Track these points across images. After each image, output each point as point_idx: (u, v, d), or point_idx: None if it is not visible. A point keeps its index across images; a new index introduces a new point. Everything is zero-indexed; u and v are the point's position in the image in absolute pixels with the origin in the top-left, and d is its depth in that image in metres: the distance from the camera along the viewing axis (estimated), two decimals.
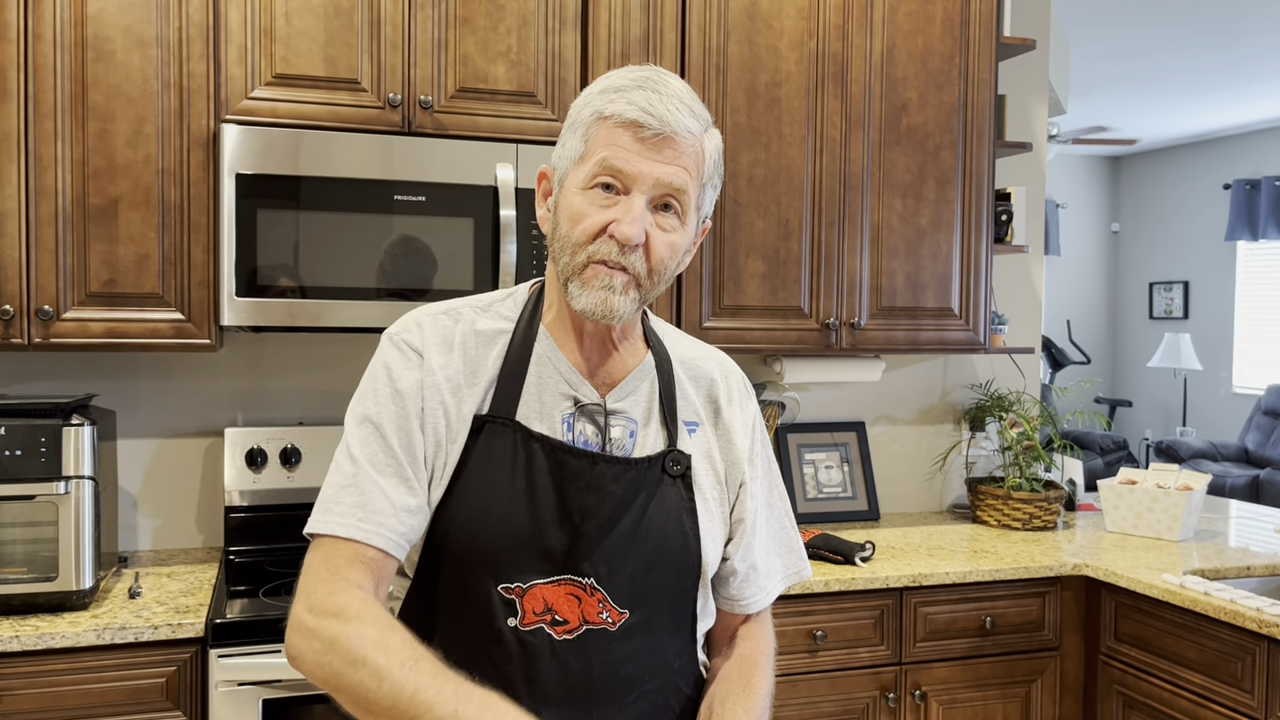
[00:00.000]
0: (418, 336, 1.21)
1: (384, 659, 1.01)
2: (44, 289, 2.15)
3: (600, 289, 1.15)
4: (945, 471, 3.29)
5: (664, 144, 1.13)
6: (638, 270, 1.15)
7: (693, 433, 1.27)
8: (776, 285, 2.69)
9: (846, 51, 2.72)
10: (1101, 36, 5.64)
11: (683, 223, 1.18)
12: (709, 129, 1.20)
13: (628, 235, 1.13)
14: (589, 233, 1.14)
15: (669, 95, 1.15)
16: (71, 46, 2.16)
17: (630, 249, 1.14)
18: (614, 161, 1.13)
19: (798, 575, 1.38)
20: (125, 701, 1.97)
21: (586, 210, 1.15)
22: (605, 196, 1.14)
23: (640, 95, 1.14)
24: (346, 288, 2.27)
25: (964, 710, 2.54)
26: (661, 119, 1.13)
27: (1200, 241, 8.62)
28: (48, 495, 2.02)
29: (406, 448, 1.16)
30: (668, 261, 1.17)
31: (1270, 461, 7.23)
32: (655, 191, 1.14)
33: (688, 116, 1.15)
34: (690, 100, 1.17)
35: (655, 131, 1.13)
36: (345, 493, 1.14)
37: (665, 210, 1.16)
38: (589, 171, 1.15)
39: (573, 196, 1.16)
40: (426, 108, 2.37)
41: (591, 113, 1.17)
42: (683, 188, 1.15)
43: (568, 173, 1.18)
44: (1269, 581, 2.56)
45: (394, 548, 1.13)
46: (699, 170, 1.17)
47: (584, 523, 1.17)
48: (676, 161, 1.14)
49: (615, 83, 1.17)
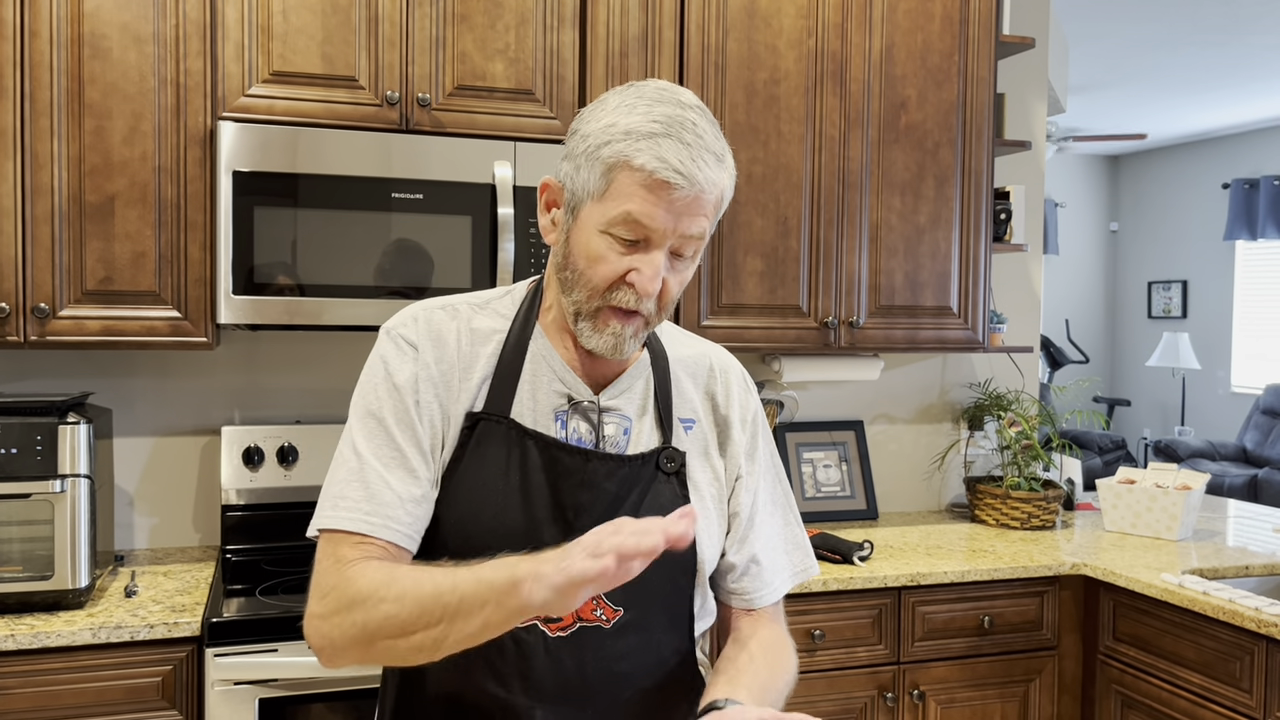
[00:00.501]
0: (413, 331, 1.21)
1: (398, 586, 1.04)
2: (40, 287, 2.15)
3: (611, 335, 1.16)
4: (944, 471, 3.29)
5: (692, 202, 1.12)
6: (649, 312, 1.16)
7: (689, 429, 1.27)
8: (775, 284, 2.68)
9: (845, 49, 2.72)
10: (1101, 35, 5.64)
11: (695, 260, 1.18)
12: (727, 164, 1.16)
13: (648, 290, 1.13)
14: (608, 280, 1.14)
15: (699, 148, 1.11)
16: (68, 43, 2.15)
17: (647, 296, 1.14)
18: (640, 219, 1.10)
19: (805, 573, 1.37)
20: (121, 700, 1.97)
21: (606, 255, 1.13)
22: (625, 244, 1.13)
23: (671, 148, 1.09)
24: (344, 286, 2.27)
25: (962, 709, 2.53)
26: (692, 179, 1.10)
27: (1199, 241, 8.62)
28: (43, 494, 2.01)
29: (410, 438, 1.16)
30: (677, 296, 1.19)
31: (1268, 461, 7.23)
32: (675, 242, 1.14)
33: (715, 167, 1.12)
34: (715, 144, 1.13)
35: (685, 194, 1.10)
36: (350, 487, 1.14)
37: (681, 255, 1.16)
38: (611, 217, 1.12)
39: (591, 235, 1.14)
40: (424, 105, 2.36)
41: (615, 155, 1.11)
42: (701, 235, 1.15)
43: (584, 204, 1.15)
44: (1267, 581, 2.56)
45: (403, 539, 1.14)
46: (717, 210, 1.17)
47: (577, 520, 1.17)
48: (700, 213, 1.13)
49: (641, 125, 1.11)
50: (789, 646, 1.31)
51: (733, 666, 1.23)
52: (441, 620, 1.01)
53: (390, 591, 1.04)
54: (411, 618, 1.02)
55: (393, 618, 1.03)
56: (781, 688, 1.24)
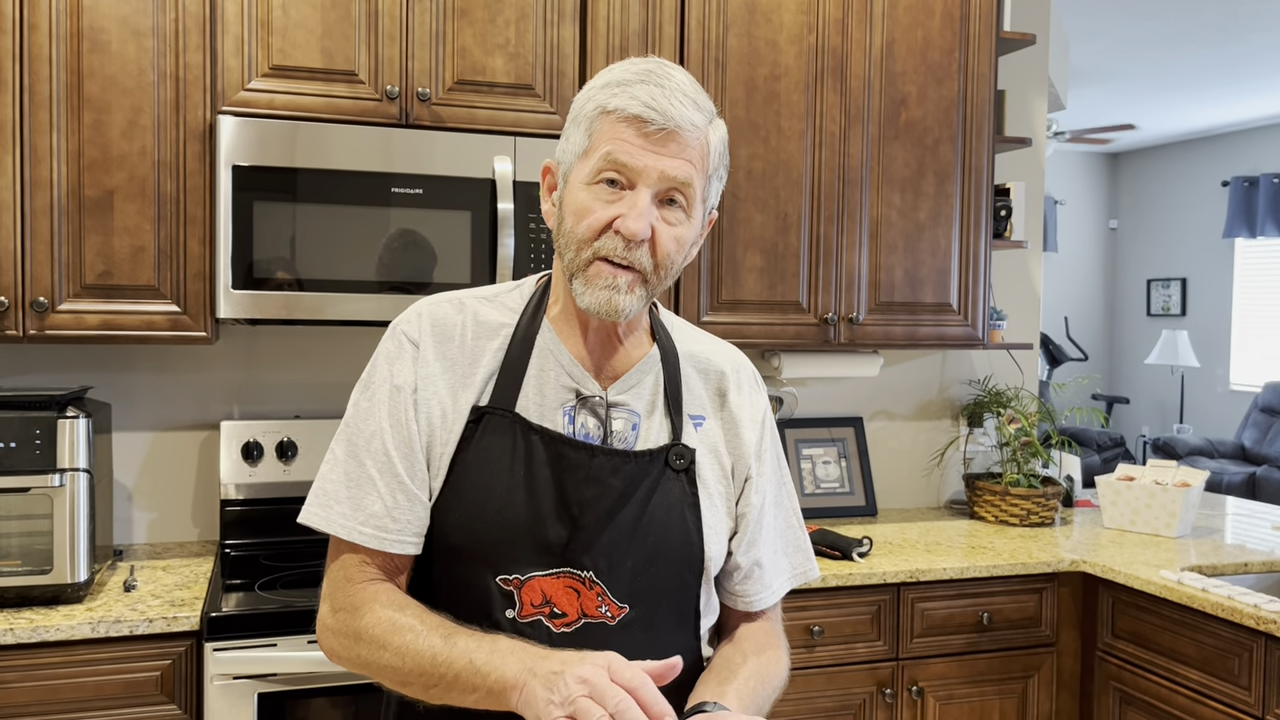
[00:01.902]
0: (415, 328, 1.21)
1: (400, 639, 1.10)
2: (39, 281, 2.14)
3: (605, 288, 1.14)
4: (943, 467, 3.29)
5: (668, 138, 1.13)
6: (644, 266, 1.15)
7: (699, 426, 1.27)
8: (775, 280, 2.68)
9: (846, 45, 2.71)
10: (1101, 32, 5.63)
11: (688, 215, 1.17)
12: (713, 120, 1.19)
13: (633, 230, 1.12)
14: (594, 228, 1.14)
15: (672, 88, 1.14)
16: (67, 37, 2.14)
17: (636, 244, 1.13)
18: (618, 156, 1.12)
19: (805, 576, 1.37)
20: (120, 695, 1.96)
21: (591, 205, 1.14)
22: (610, 191, 1.14)
23: (643, 90, 1.13)
24: (343, 280, 2.27)
25: (961, 706, 2.54)
26: (665, 113, 1.12)
27: (1198, 238, 8.62)
28: (43, 488, 2.01)
29: (403, 440, 1.17)
30: (674, 255, 1.17)
31: (1267, 458, 7.24)
32: (660, 185, 1.13)
33: (691, 109, 1.15)
34: (694, 92, 1.16)
35: (659, 126, 1.12)
36: (343, 490, 1.17)
37: (670, 204, 1.15)
38: (593, 166, 1.14)
39: (577, 191, 1.15)
40: (424, 100, 2.36)
41: (595, 107, 1.15)
42: (687, 181, 1.14)
43: (572, 167, 1.17)
44: (1266, 578, 2.56)
45: (400, 547, 1.17)
46: (704, 162, 1.17)
47: (583, 515, 1.17)
48: (681, 155, 1.14)
49: (618, 76, 1.16)
50: (782, 650, 1.31)
51: (725, 668, 1.23)
52: (436, 686, 1.08)
53: (392, 642, 1.10)
54: (409, 675, 1.10)
55: (393, 669, 1.11)
56: (770, 693, 1.25)
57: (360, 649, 1.13)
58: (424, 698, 1.10)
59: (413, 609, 1.13)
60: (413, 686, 1.10)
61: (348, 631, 1.14)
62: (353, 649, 1.14)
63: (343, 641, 1.15)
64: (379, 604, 1.13)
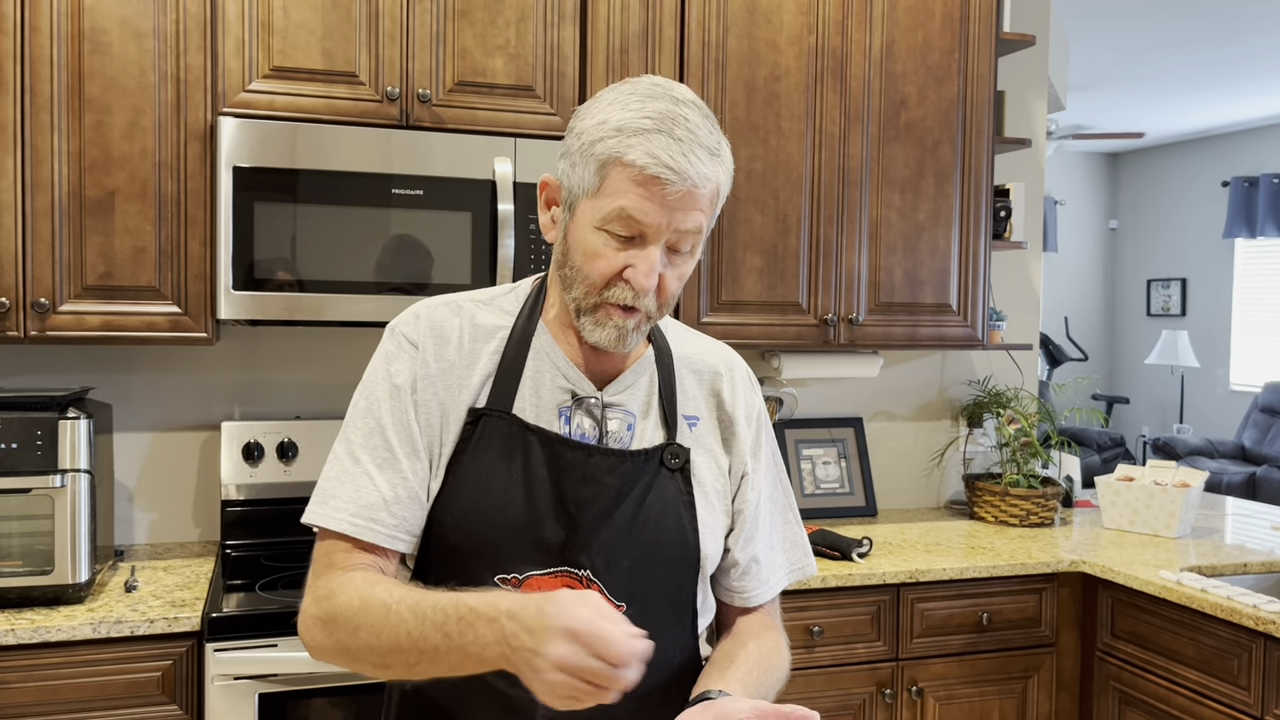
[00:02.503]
0: (414, 329, 1.22)
1: (370, 616, 1.07)
2: (40, 282, 2.15)
3: (613, 328, 1.16)
4: (943, 468, 3.29)
5: (684, 197, 1.11)
6: (650, 309, 1.17)
7: (693, 426, 1.28)
8: (774, 281, 2.68)
9: (846, 46, 2.72)
10: (1101, 33, 5.64)
11: (693, 255, 1.19)
12: (723, 158, 1.16)
13: (644, 287, 1.13)
14: (605, 275, 1.14)
15: (690, 142, 1.10)
16: (68, 38, 2.15)
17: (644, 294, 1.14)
18: (633, 214, 1.11)
19: (802, 571, 1.38)
20: (121, 695, 1.97)
21: (602, 251, 1.14)
22: (621, 240, 1.13)
23: (661, 144, 1.09)
24: (344, 281, 2.27)
25: (960, 706, 2.54)
26: (684, 174, 1.10)
27: (1198, 239, 8.63)
28: (44, 488, 2.01)
29: (404, 438, 1.18)
30: (677, 292, 1.19)
31: (1267, 459, 7.24)
32: (671, 237, 1.14)
33: (708, 162, 1.12)
34: (708, 138, 1.13)
35: (676, 189, 1.10)
36: (342, 486, 1.17)
37: (678, 250, 1.16)
38: (605, 214, 1.12)
39: (587, 232, 1.14)
40: (424, 101, 2.36)
41: (608, 152, 1.11)
42: (697, 230, 1.15)
43: (580, 201, 1.15)
44: (1265, 579, 2.56)
45: (390, 542, 1.16)
46: (713, 205, 1.16)
47: (580, 514, 1.18)
48: (694, 208, 1.13)
49: (633, 121, 1.11)
50: (783, 644, 1.32)
51: (727, 660, 1.24)
52: (419, 664, 1.05)
53: (364, 622, 1.07)
54: (388, 655, 1.07)
55: (370, 649, 1.08)
56: (773, 684, 1.26)
57: (337, 633, 1.10)
58: (409, 676, 1.09)
59: (384, 585, 1.10)
60: (394, 668, 1.08)
61: (323, 617, 1.11)
62: (331, 635, 1.11)
63: (321, 629, 1.12)
64: (352, 586, 1.11)
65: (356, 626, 1.08)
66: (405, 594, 1.08)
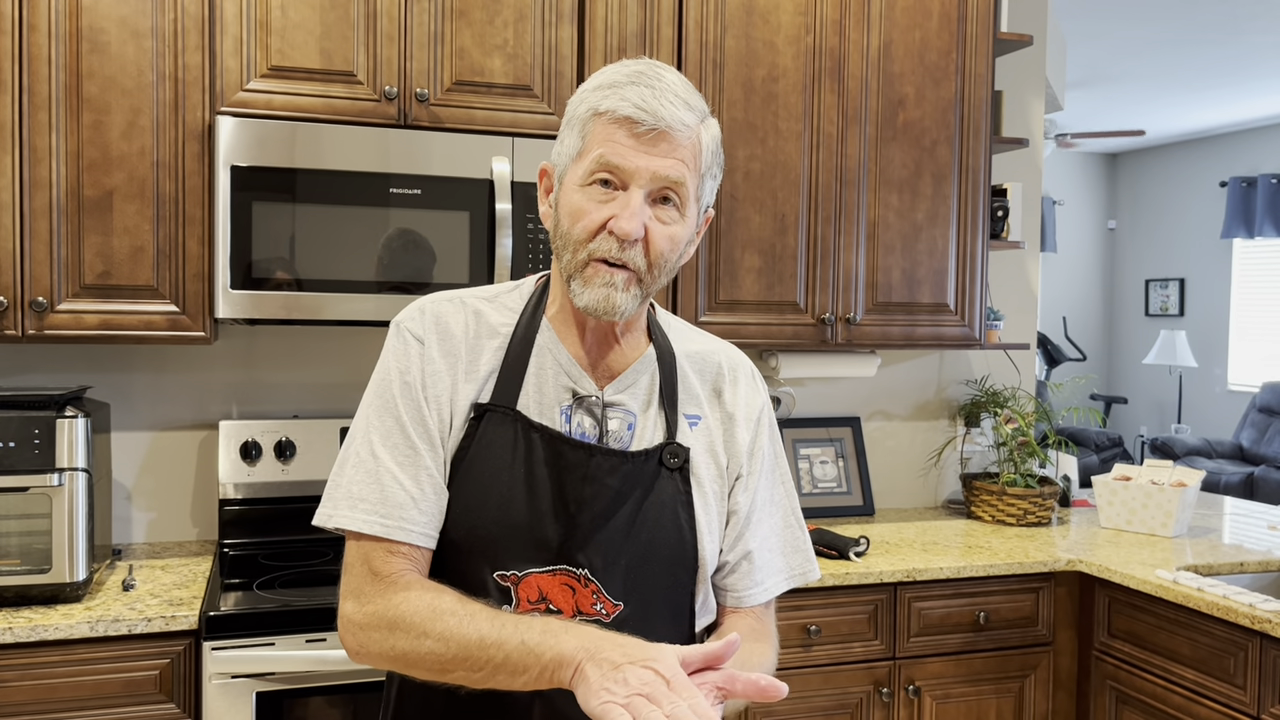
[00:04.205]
0: (419, 325, 1.23)
1: (442, 624, 1.08)
2: (38, 281, 2.15)
3: (602, 286, 1.15)
4: (940, 467, 3.30)
5: (660, 139, 1.14)
6: (638, 265, 1.16)
7: (694, 425, 1.27)
8: (772, 280, 2.69)
9: (843, 46, 2.72)
10: (1098, 34, 5.64)
11: (682, 214, 1.18)
12: (705, 120, 1.20)
13: (626, 230, 1.13)
14: (589, 230, 1.15)
15: (663, 89, 1.15)
16: (66, 37, 2.15)
17: (630, 244, 1.14)
18: (610, 158, 1.14)
19: (805, 577, 1.37)
20: (119, 694, 1.97)
21: (585, 207, 1.15)
22: (604, 192, 1.15)
23: (634, 91, 1.14)
24: (342, 281, 2.27)
25: (957, 705, 2.54)
26: (655, 114, 1.13)
27: (1196, 239, 8.63)
28: (41, 487, 2.01)
29: (423, 434, 1.18)
30: (668, 254, 1.18)
31: (1265, 459, 7.25)
32: (653, 185, 1.15)
33: (682, 109, 1.15)
34: (685, 93, 1.17)
35: (650, 127, 1.13)
36: (368, 489, 1.16)
37: (664, 203, 1.16)
38: (587, 168, 1.15)
39: (572, 193, 1.17)
40: (423, 101, 2.37)
41: (587, 109, 1.17)
42: (680, 180, 1.16)
43: (566, 170, 1.19)
44: (1262, 578, 2.57)
45: (421, 539, 1.17)
46: (696, 162, 1.18)
47: (579, 514, 1.18)
48: (673, 155, 1.15)
49: (610, 78, 1.17)
50: (769, 643, 1.30)
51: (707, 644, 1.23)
52: (483, 669, 1.06)
53: (434, 628, 1.08)
54: (453, 661, 1.07)
55: (435, 655, 1.08)
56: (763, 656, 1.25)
57: (397, 640, 1.10)
58: (465, 682, 1.09)
59: (449, 594, 1.11)
60: (455, 673, 1.08)
61: (381, 623, 1.11)
62: (387, 640, 1.11)
63: (375, 634, 1.12)
64: (415, 591, 1.11)
65: (424, 633, 1.08)
66: (476, 605, 1.10)
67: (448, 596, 1.11)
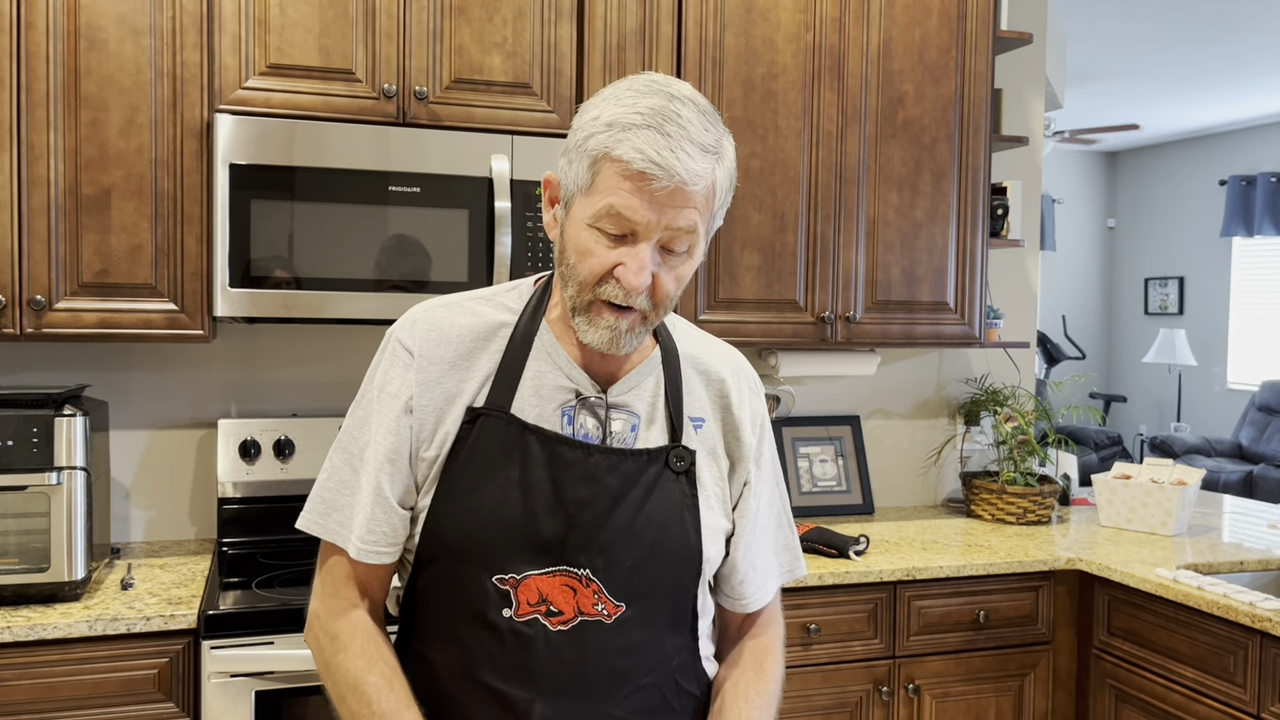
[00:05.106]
0: (409, 334, 1.22)
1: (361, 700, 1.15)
2: (36, 279, 2.14)
3: (606, 328, 1.15)
4: (940, 466, 3.30)
5: (674, 194, 1.09)
6: (644, 308, 1.15)
7: (699, 428, 1.27)
8: (772, 278, 2.68)
9: (843, 44, 2.72)
10: (1098, 32, 5.64)
11: (691, 256, 1.16)
12: (721, 155, 1.14)
13: (634, 285, 1.11)
14: (595, 273, 1.13)
15: (680, 139, 1.08)
16: (64, 35, 2.14)
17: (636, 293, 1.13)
18: (621, 210, 1.09)
19: (793, 574, 1.39)
20: (118, 693, 1.97)
21: (593, 249, 1.12)
22: (612, 238, 1.12)
23: (649, 139, 1.08)
24: (340, 279, 2.27)
25: (957, 704, 2.54)
26: (670, 170, 1.07)
27: (1196, 237, 8.63)
28: (40, 486, 2.01)
29: (391, 452, 1.19)
30: (674, 293, 1.16)
31: (1264, 457, 7.25)
32: (664, 236, 1.12)
33: (698, 160, 1.09)
34: (702, 135, 1.10)
35: (663, 184, 1.08)
36: (339, 496, 1.21)
37: (673, 250, 1.13)
38: (596, 211, 1.11)
39: (580, 229, 1.13)
40: (421, 98, 2.36)
41: (599, 147, 1.10)
42: (692, 228, 1.12)
43: (574, 198, 1.14)
44: (1262, 576, 2.57)
45: (388, 557, 1.21)
46: (709, 204, 1.14)
47: (579, 514, 1.17)
48: (686, 205, 1.10)
49: (624, 115, 1.10)
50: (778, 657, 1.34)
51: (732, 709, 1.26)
52: None
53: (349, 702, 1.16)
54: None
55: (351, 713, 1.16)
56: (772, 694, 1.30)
57: (331, 683, 1.19)
58: None
59: (380, 665, 1.17)
60: None
61: (324, 658, 1.20)
62: (325, 675, 1.20)
63: (320, 659, 1.21)
64: (354, 654, 1.18)
65: (341, 699, 1.17)
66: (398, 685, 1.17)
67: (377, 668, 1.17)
